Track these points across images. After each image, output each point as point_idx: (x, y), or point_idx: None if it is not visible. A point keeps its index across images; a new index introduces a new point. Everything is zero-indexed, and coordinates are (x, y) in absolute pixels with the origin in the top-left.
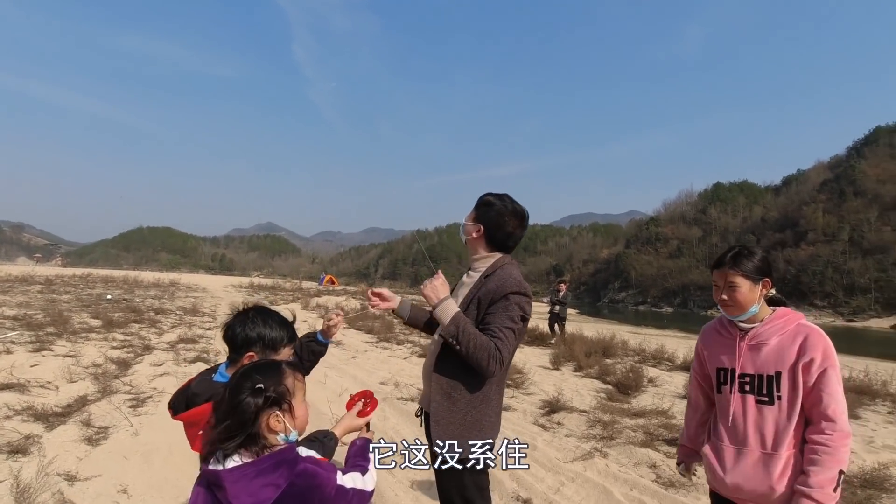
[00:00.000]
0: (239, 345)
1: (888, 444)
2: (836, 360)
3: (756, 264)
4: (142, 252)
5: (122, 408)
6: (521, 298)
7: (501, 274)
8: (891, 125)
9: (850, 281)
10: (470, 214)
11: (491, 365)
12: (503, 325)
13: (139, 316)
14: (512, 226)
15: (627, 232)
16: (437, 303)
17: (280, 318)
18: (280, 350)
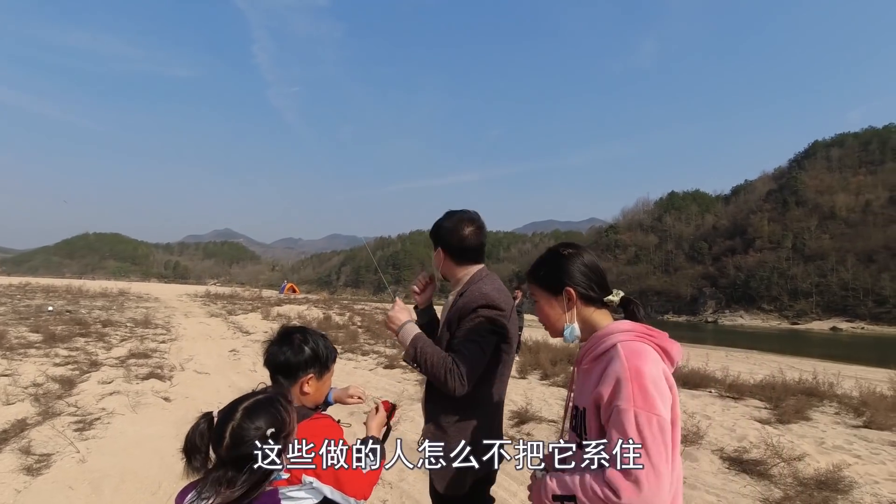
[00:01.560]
0: (296, 368)
1: (838, 444)
2: (635, 397)
3: (545, 272)
4: (87, 259)
5: (67, 432)
6: (489, 312)
7: (472, 290)
8: (827, 140)
9: (794, 286)
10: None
11: (449, 381)
12: (468, 339)
13: (85, 329)
14: (466, 231)
15: (588, 239)
16: (397, 330)
17: (323, 335)
18: (331, 367)
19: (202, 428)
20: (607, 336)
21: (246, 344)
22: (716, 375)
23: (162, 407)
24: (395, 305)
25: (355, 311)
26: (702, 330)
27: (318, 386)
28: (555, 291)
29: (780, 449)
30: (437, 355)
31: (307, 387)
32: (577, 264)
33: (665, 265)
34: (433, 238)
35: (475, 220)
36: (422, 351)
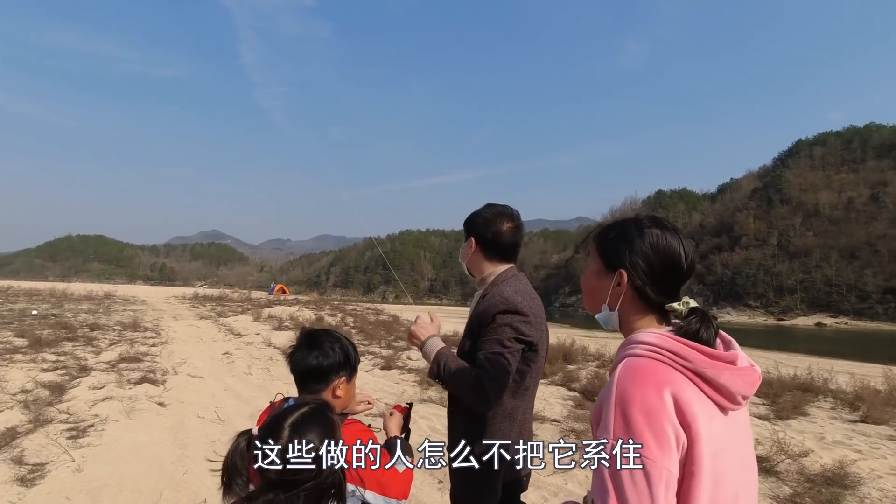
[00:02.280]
0: (328, 372)
1: (838, 439)
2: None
3: (610, 239)
4: (70, 262)
5: (60, 440)
6: (510, 318)
7: (493, 293)
8: (811, 138)
9: (779, 282)
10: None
11: (475, 398)
12: (491, 351)
13: (72, 333)
14: (504, 226)
15: (576, 237)
16: (421, 343)
17: (346, 337)
18: (358, 368)
19: (243, 447)
20: (627, 345)
21: (238, 346)
22: None
23: (157, 412)
24: (419, 319)
25: (347, 311)
26: None
27: (348, 389)
28: (608, 265)
29: (785, 445)
30: (461, 372)
31: (339, 391)
32: (646, 247)
33: None
34: (466, 227)
35: (514, 218)
36: (445, 367)
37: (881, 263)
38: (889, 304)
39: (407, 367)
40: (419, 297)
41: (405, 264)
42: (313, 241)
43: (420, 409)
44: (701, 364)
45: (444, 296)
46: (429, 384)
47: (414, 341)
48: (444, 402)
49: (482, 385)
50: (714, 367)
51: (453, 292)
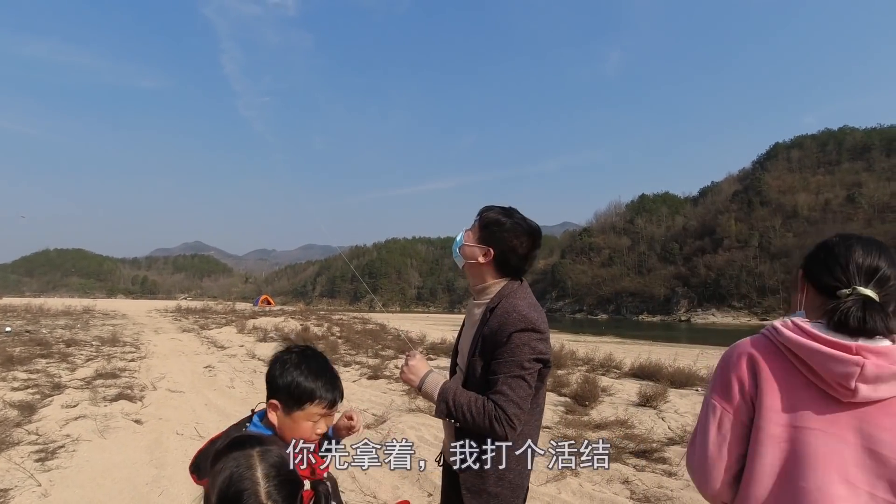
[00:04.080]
0: (268, 388)
1: None
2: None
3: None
4: (48, 277)
5: (26, 463)
6: (528, 336)
7: (505, 307)
8: (787, 141)
9: (762, 283)
10: (472, 233)
11: (497, 429)
12: (510, 374)
13: (46, 349)
14: (526, 246)
15: (562, 242)
16: (419, 383)
17: (328, 372)
18: (305, 406)
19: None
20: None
21: (221, 359)
22: (701, 374)
23: (133, 430)
24: (413, 356)
25: (333, 321)
26: (676, 329)
27: (283, 422)
28: (801, 271)
29: None
30: (475, 405)
31: (270, 414)
32: (823, 250)
33: (638, 266)
34: (486, 230)
35: (537, 238)
36: (456, 404)
37: None
38: None
39: (394, 376)
40: (406, 304)
41: (392, 272)
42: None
43: (408, 419)
44: (794, 344)
45: (431, 303)
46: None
47: (409, 379)
48: (432, 411)
49: (504, 413)
50: (808, 349)
51: (441, 299)
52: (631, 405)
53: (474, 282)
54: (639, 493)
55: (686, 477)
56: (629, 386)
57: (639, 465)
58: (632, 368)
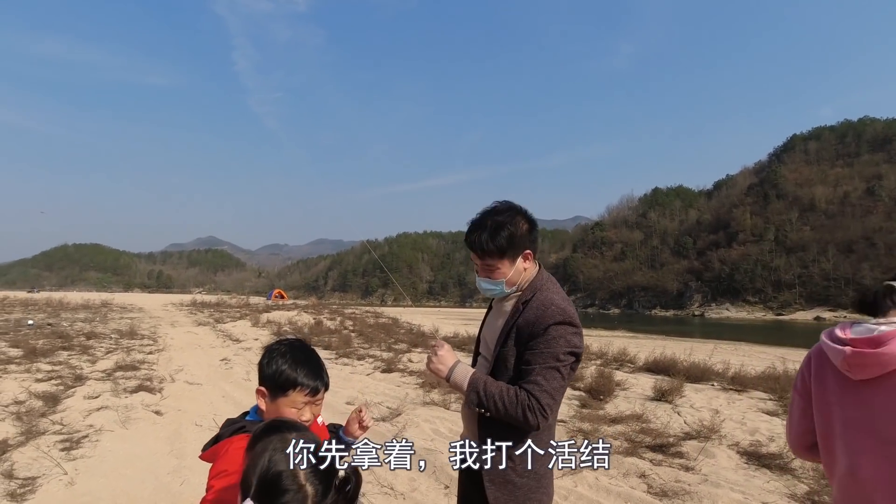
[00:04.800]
0: (259, 375)
1: None
2: None
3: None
4: (67, 271)
5: (53, 452)
6: (566, 329)
7: (541, 299)
8: (805, 133)
9: (777, 277)
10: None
11: (530, 418)
12: (545, 365)
13: (68, 342)
14: (528, 229)
15: (574, 237)
16: (447, 374)
17: (311, 361)
18: (289, 393)
19: None
20: None
21: (237, 352)
22: (716, 368)
23: (153, 421)
24: (441, 346)
25: (346, 315)
26: (689, 324)
27: (270, 407)
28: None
29: None
30: (507, 394)
31: (259, 401)
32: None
33: (651, 261)
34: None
35: (525, 213)
36: (487, 394)
37: (878, 256)
38: None
39: (408, 369)
40: (418, 299)
41: (403, 267)
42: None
43: (423, 412)
44: (822, 344)
45: (442, 297)
46: (432, 386)
47: (438, 370)
48: (446, 404)
49: (538, 402)
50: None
51: (452, 294)
52: (646, 399)
53: (511, 287)
54: (656, 488)
55: (703, 472)
56: (644, 380)
57: (655, 459)
58: (646, 363)
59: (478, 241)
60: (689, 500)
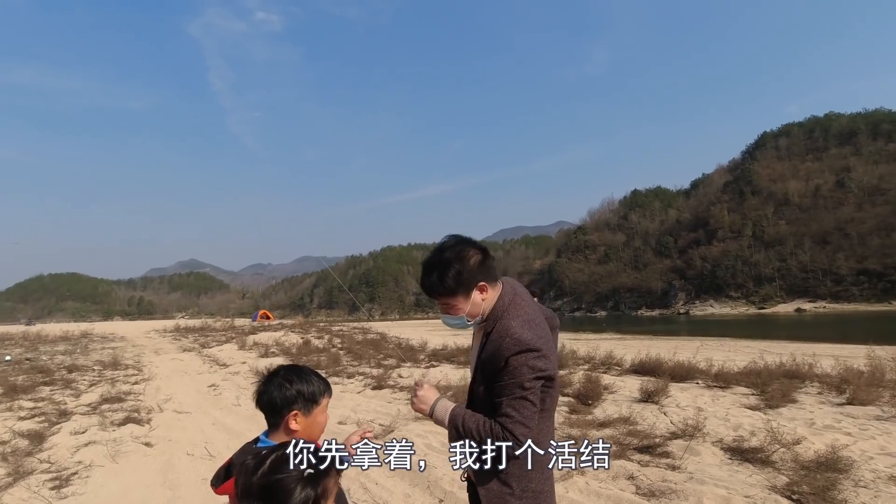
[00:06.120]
0: (280, 406)
1: (828, 424)
2: None
3: None
4: (43, 302)
5: (43, 491)
6: (525, 357)
7: (499, 330)
8: (775, 130)
9: (758, 272)
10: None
11: (506, 449)
12: (512, 396)
13: (49, 376)
14: (476, 260)
15: (557, 242)
16: (429, 412)
17: (311, 370)
18: (320, 401)
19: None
20: None
21: (225, 377)
22: (700, 366)
23: (144, 453)
24: (422, 386)
25: (334, 332)
26: (675, 322)
27: (306, 422)
28: None
29: (778, 434)
30: (483, 427)
31: (294, 423)
32: None
33: (634, 262)
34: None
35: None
36: (465, 429)
37: (852, 246)
38: (863, 285)
39: (399, 385)
40: (405, 311)
41: (389, 280)
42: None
43: (415, 427)
44: None
45: (430, 309)
46: None
47: (420, 408)
48: None
49: (512, 434)
50: None
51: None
52: (633, 402)
53: (474, 318)
54: (644, 488)
55: (689, 470)
56: (630, 382)
57: (643, 460)
58: (632, 365)
59: (427, 285)
60: (675, 498)
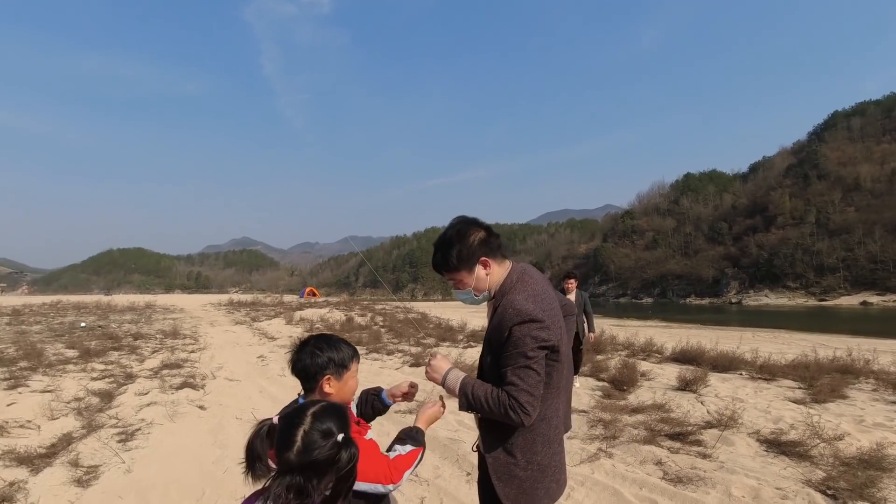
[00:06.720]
0: (314, 372)
1: (878, 421)
2: None
3: None
4: (113, 275)
5: (111, 443)
6: (528, 327)
7: (504, 304)
8: (847, 109)
9: (819, 261)
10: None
11: (513, 417)
12: (517, 365)
13: (117, 343)
14: (478, 238)
15: (604, 226)
16: (441, 381)
17: (340, 338)
18: (350, 366)
19: (263, 433)
20: None
21: (272, 350)
22: (745, 357)
23: (198, 415)
24: (434, 356)
25: (376, 311)
26: (726, 312)
27: (339, 385)
28: None
29: (819, 429)
30: (490, 395)
31: (327, 387)
32: None
33: (684, 248)
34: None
35: (477, 222)
36: (474, 396)
37: None
38: None
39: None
40: (448, 292)
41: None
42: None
43: (450, 404)
44: None
45: None
46: None
47: (433, 376)
48: None
49: (517, 401)
50: None
51: None
52: (669, 389)
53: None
54: (671, 474)
55: (720, 459)
56: (669, 370)
57: (673, 447)
58: (673, 353)
59: (434, 263)
60: (702, 485)
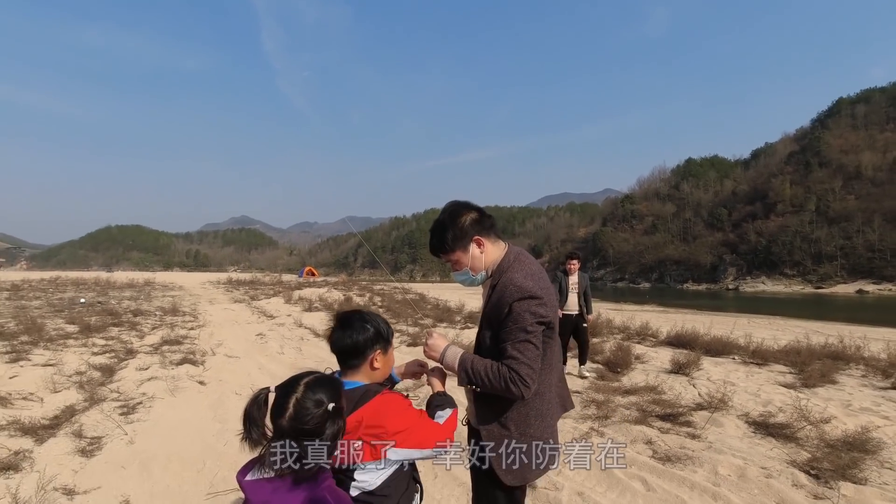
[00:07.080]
0: (364, 347)
1: (865, 406)
2: None
3: None
4: (111, 252)
5: (113, 416)
6: (528, 303)
7: (503, 281)
8: (852, 96)
9: (818, 249)
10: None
11: (514, 389)
12: (517, 339)
13: (117, 319)
14: (470, 217)
15: (603, 210)
16: (439, 358)
17: (377, 315)
18: (392, 341)
19: (260, 400)
20: None
21: (271, 328)
22: (738, 342)
23: (198, 390)
24: (431, 335)
25: (374, 291)
26: (723, 298)
27: (385, 360)
28: None
29: (806, 412)
30: (490, 369)
31: (377, 362)
32: None
33: (683, 233)
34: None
35: (469, 205)
36: (474, 371)
37: None
38: None
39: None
40: (446, 274)
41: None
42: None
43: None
44: None
45: None
46: None
47: (431, 354)
48: None
49: (518, 374)
50: None
51: None
52: (663, 372)
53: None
54: (660, 453)
55: (709, 439)
56: (663, 354)
57: (664, 427)
58: (668, 337)
59: (431, 247)
60: (690, 464)
